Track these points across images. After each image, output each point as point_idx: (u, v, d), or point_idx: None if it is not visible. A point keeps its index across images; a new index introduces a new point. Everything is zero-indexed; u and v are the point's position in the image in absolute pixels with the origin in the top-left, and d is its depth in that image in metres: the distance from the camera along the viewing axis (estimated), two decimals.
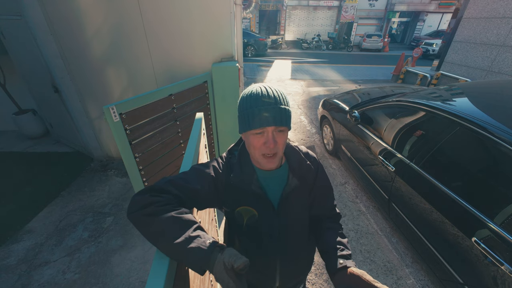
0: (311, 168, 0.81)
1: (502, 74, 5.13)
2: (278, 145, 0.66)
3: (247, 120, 0.65)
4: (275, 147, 0.65)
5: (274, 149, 0.66)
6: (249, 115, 0.64)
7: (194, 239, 0.55)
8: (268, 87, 0.66)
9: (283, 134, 0.67)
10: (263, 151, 0.67)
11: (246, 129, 0.66)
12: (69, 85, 2.68)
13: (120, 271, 1.89)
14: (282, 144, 0.67)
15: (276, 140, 0.65)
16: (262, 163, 0.70)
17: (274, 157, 0.68)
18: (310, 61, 11.94)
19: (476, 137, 1.45)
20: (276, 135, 0.65)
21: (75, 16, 2.34)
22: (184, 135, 2.32)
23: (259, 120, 0.63)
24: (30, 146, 3.62)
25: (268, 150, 0.66)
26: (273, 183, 0.78)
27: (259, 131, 0.65)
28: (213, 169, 0.74)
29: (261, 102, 0.63)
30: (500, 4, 5.10)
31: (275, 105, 0.63)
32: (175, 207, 0.60)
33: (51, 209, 2.47)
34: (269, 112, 0.62)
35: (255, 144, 0.67)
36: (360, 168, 2.54)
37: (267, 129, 0.64)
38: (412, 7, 17.95)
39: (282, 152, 0.69)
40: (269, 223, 0.77)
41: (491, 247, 1.22)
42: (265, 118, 0.62)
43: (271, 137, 0.64)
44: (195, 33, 2.50)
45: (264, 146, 0.66)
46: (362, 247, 2.13)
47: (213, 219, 1.63)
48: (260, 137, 0.65)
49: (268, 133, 0.65)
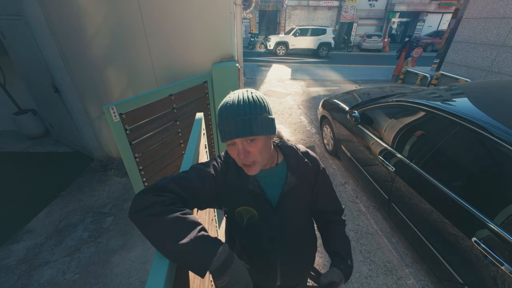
0: (309, 166, 0.81)
1: (502, 74, 5.14)
2: (252, 155, 0.65)
3: (220, 132, 0.66)
4: (249, 157, 0.64)
5: (249, 159, 0.65)
6: (219, 126, 0.65)
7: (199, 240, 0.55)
8: (239, 95, 0.64)
9: (255, 143, 0.64)
10: (240, 161, 0.67)
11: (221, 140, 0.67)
12: (69, 85, 2.69)
13: (120, 271, 1.89)
14: (257, 152, 0.65)
15: (248, 150, 0.64)
16: (245, 170, 0.69)
17: (254, 165, 0.67)
18: (310, 61, 11.94)
19: (476, 137, 1.45)
20: (247, 145, 0.64)
21: (75, 16, 2.34)
22: (184, 135, 2.32)
23: (225, 133, 0.63)
24: (30, 146, 3.62)
25: (242, 160, 0.65)
26: (271, 181, 0.77)
27: (230, 143, 0.65)
28: (213, 168, 0.74)
29: (225, 115, 0.62)
30: (500, 4, 5.11)
31: (238, 117, 0.61)
32: (179, 207, 0.60)
33: (51, 209, 2.47)
34: (232, 124, 0.61)
35: (232, 154, 0.67)
36: (360, 168, 2.54)
37: (235, 141, 0.64)
38: (412, 7, 17.95)
39: (262, 159, 0.68)
40: (268, 222, 0.77)
41: (491, 247, 1.22)
42: (229, 130, 0.62)
43: (241, 148, 0.64)
44: (195, 33, 2.50)
45: (238, 157, 0.65)
46: (362, 247, 2.13)
47: (213, 219, 1.63)
48: (233, 148, 0.65)
49: (237, 144, 0.64)
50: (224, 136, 0.64)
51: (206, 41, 2.54)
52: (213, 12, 2.40)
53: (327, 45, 12.89)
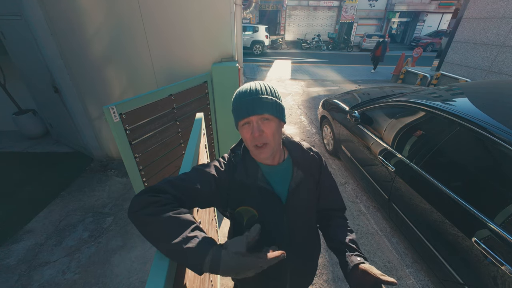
0: (315, 158, 0.83)
1: (502, 74, 5.14)
2: (265, 134, 0.68)
3: (234, 113, 0.70)
4: (262, 135, 0.67)
5: (262, 138, 0.68)
6: (235, 108, 0.70)
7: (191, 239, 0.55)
8: (256, 83, 0.70)
9: (269, 123, 0.68)
10: (253, 141, 0.69)
11: (235, 121, 0.71)
12: (69, 85, 2.68)
13: (120, 271, 1.89)
14: (270, 133, 0.68)
15: (262, 129, 0.67)
16: (255, 154, 0.72)
17: (265, 147, 0.69)
18: (310, 61, 11.94)
19: (476, 137, 1.45)
20: (262, 124, 0.67)
21: (75, 16, 2.34)
22: (184, 135, 2.32)
23: (241, 111, 0.67)
24: (30, 146, 3.62)
25: (256, 140, 0.68)
26: (278, 177, 0.77)
27: (244, 122, 0.68)
28: (214, 168, 0.74)
29: (244, 94, 0.68)
30: (500, 4, 5.11)
31: (255, 95, 0.66)
32: (174, 207, 0.60)
33: (51, 209, 2.47)
34: (249, 102, 0.66)
35: (244, 135, 0.70)
36: (360, 168, 2.54)
37: (251, 119, 0.67)
38: (412, 7, 17.94)
39: (274, 142, 0.70)
40: (277, 219, 0.76)
41: (491, 247, 1.22)
42: (246, 108, 0.66)
43: (255, 126, 0.67)
44: (195, 33, 2.50)
45: (252, 136, 0.68)
46: (362, 247, 2.13)
47: (213, 219, 1.63)
48: (247, 127, 0.68)
49: (253, 122, 0.67)
50: (239, 115, 0.68)
51: (206, 41, 2.54)
52: (213, 12, 2.40)
53: (261, 43, 13.45)
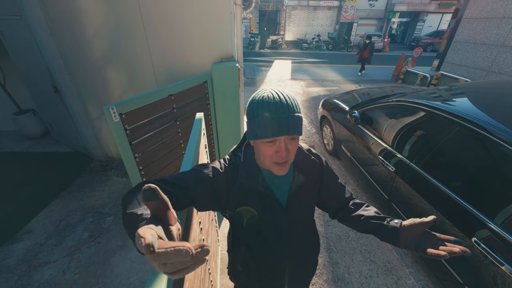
0: (316, 163, 0.81)
1: (502, 74, 5.14)
2: (290, 154, 0.64)
3: (257, 128, 0.62)
4: (287, 155, 0.63)
5: (286, 158, 0.64)
6: (260, 122, 0.61)
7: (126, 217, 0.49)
8: (281, 92, 0.62)
9: (295, 142, 0.65)
10: (275, 159, 0.65)
11: (257, 137, 0.64)
12: (69, 85, 2.68)
13: (120, 271, 1.89)
14: (293, 151, 0.66)
15: (288, 149, 0.63)
16: (273, 170, 0.67)
17: (285, 164, 0.66)
18: (310, 61, 11.94)
19: (476, 137, 1.45)
20: (288, 143, 0.63)
21: (75, 16, 2.34)
22: (184, 135, 2.31)
23: (271, 129, 0.60)
24: (30, 146, 3.62)
25: (280, 159, 0.64)
26: (279, 182, 0.76)
27: (270, 140, 0.62)
28: (212, 170, 0.72)
29: (273, 110, 0.60)
30: (500, 4, 5.11)
31: (289, 114, 0.60)
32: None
33: (51, 209, 2.47)
34: (282, 121, 0.59)
35: (266, 152, 0.65)
36: (360, 168, 2.54)
37: (279, 138, 0.62)
38: (412, 7, 17.94)
39: (293, 159, 0.68)
40: (278, 223, 0.76)
41: (491, 247, 1.22)
42: (278, 127, 0.59)
43: (283, 146, 0.62)
44: (195, 33, 2.50)
45: (276, 155, 0.64)
46: (362, 247, 2.13)
47: (213, 219, 1.63)
48: (271, 145, 0.63)
49: (280, 142, 0.62)
50: (265, 132, 0.61)
51: (206, 41, 2.54)
52: (212, 13, 2.40)
53: None
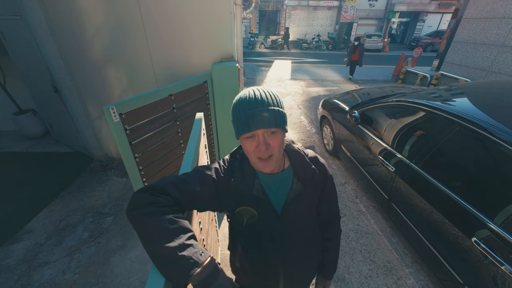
0: (316, 173, 0.77)
1: (502, 74, 5.14)
2: (271, 147, 0.64)
3: (237, 125, 0.64)
4: (268, 149, 0.63)
5: (268, 152, 0.64)
6: (238, 120, 0.63)
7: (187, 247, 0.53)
8: (258, 89, 0.64)
9: (276, 136, 0.64)
10: (257, 154, 0.65)
11: (238, 134, 0.65)
12: (69, 85, 2.68)
13: (120, 271, 1.89)
14: (276, 146, 0.64)
15: (268, 143, 0.63)
16: (259, 166, 0.68)
17: (270, 159, 0.65)
18: (310, 61, 11.94)
19: (476, 137, 1.45)
20: (268, 137, 0.63)
21: (75, 16, 2.34)
22: (184, 135, 2.31)
23: (247, 124, 0.61)
24: (30, 146, 3.62)
25: (261, 153, 0.64)
26: (276, 187, 0.75)
27: (249, 135, 0.63)
28: (215, 171, 0.72)
29: (248, 105, 0.61)
30: (500, 4, 5.11)
31: (262, 107, 0.61)
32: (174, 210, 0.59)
33: (51, 209, 2.47)
34: (256, 114, 0.61)
35: (248, 148, 0.65)
36: (360, 168, 2.54)
37: (257, 132, 0.62)
38: (412, 7, 17.95)
39: (279, 154, 0.67)
40: (272, 229, 0.75)
41: (491, 247, 1.22)
42: (253, 121, 0.61)
43: (262, 140, 0.62)
44: (195, 33, 2.50)
45: (256, 149, 0.64)
46: (362, 247, 2.13)
47: (213, 219, 1.63)
48: (251, 140, 0.64)
49: (258, 136, 0.63)
50: (243, 128, 0.62)
51: (206, 41, 2.54)
52: (213, 12, 2.40)
53: None
